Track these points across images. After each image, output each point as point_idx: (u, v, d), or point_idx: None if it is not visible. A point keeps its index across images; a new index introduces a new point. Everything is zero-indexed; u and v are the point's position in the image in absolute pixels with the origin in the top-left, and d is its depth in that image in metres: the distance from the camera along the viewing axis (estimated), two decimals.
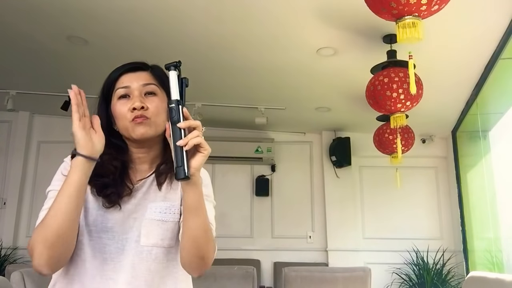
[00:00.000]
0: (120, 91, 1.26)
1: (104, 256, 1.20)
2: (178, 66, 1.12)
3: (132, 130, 1.23)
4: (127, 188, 1.24)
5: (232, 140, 5.44)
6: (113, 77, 1.29)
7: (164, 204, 1.26)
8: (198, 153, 1.08)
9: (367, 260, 5.12)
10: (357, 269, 3.16)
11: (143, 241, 1.22)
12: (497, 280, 1.99)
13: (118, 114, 1.25)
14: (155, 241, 1.23)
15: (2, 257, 4.96)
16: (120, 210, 1.22)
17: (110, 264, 1.20)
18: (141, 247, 1.22)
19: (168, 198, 1.28)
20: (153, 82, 1.28)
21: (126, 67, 1.30)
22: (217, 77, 4.20)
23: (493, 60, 3.55)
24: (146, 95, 1.26)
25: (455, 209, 5.31)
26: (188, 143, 1.05)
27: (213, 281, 2.89)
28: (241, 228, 5.59)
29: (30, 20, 3.31)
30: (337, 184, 5.54)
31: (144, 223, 1.23)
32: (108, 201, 1.21)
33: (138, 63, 1.31)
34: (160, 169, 1.29)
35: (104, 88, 1.30)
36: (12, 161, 5.46)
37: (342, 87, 4.29)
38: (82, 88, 1.17)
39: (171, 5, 3.02)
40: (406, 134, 4.14)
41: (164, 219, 1.24)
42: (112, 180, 1.22)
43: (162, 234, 1.23)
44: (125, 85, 1.26)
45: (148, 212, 1.24)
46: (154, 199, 1.27)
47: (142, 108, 1.22)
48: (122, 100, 1.26)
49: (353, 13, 2.95)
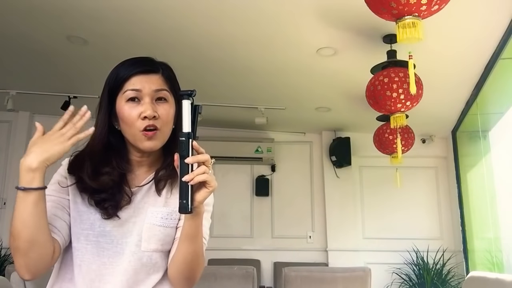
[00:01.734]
0: (130, 94, 1.20)
1: (103, 260, 1.18)
2: (192, 95, 1.07)
3: (141, 142, 1.20)
4: (126, 196, 1.22)
5: (232, 140, 5.44)
6: (122, 75, 1.22)
7: (165, 210, 1.24)
8: (203, 187, 1.06)
9: (367, 260, 5.12)
10: (357, 269, 3.16)
11: (144, 246, 1.20)
12: (497, 280, 1.99)
13: (126, 119, 1.20)
14: (156, 246, 1.21)
15: (2, 257, 4.96)
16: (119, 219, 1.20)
17: (108, 268, 1.18)
18: (141, 252, 1.20)
19: (169, 204, 1.25)
20: (164, 88, 1.23)
21: (139, 68, 1.23)
22: (217, 77, 4.20)
23: (493, 60, 3.55)
24: (156, 101, 1.22)
25: (455, 209, 5.31)
26: (193, 179, 1.03)
27: (213, 281, 2.89)
28: (241, 228, 5.59)
29: (30, 20, 3.31)
30: (337, 184, 5.54)
31: (145, 228, 1.21)
32: (106, 213, 1.19)
33: (149, 63, 1.25)
34: (159, 175, 1.26)
35: (110, 85, 1.23)
36: (12, 161, 5.45)
37: (342, 87, 4.29)
38: (82, 88, 1.17)
39: (171, 5, 3.02)
40: (406, 134, 4.14)
41: (165, 225, 1.23)
42: (110, 194, 1.20)
43: (163, 239, 1.22)
44: (136, 88, 1.20)
45: (149, 217, 1.22)
46: (154, 203, 1.25)
47: (154, 118, 1.19)
48: (131, 103, 1.20)
49: (353, 13, 2.95)
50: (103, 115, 1.23)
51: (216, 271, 2.95)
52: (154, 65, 1.26)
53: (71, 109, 1.13)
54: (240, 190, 5.68)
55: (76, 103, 4.75)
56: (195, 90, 1.08)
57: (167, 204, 1.25)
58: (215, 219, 1.33)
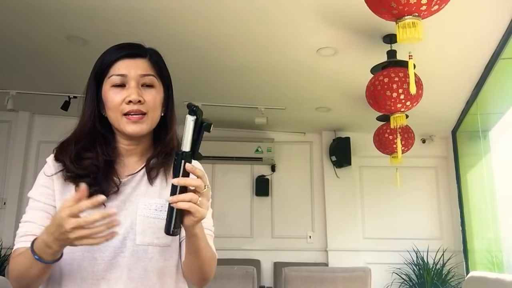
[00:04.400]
0: (115, 79, 1.16)
1: (94, 256, 1.12)
2: (196, 110, 0.99)
3: (125, 127, 1.16)
4: (113, 184, 1.15)
5: (232, 140, 5.44)
6: (108, 60, 1.18)
7: (159, 201, 1.17)
8: (189, 214, 1.01)
9: (367, 260, 5.12)
10: (357, 269, 3.16)
11: (139, 240, 1.14)
12: (497, 280, 1.99)
13: (110, 103, 1.16)
14: (150, 239, 1.15)
15: (2, 257, 4.96)
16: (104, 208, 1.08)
17: (101, 264, 1.12)
18: (136, 246, 1.14)
19: (163, 195, 1.19)
20: (151, 73, 1.19)
21: (124, 52, 1.19)
22: (217, 77, 4.20)
23: (493, 60, 3.54)
24: (143, 86, 1.17)
25: (455, 209, 5.30)
26: (177, 204, 0.99)
27: (213, 281, 2.88)
28: (241, 228, 5.59)
29: (30, 20, 3.31)
30: (337, 184, 5.54)
31: (139, 221, 1.15)
32: None
33: (136, 47, 1.22)
34: (150, 164, 1.21)
35: (96, 70, 1.20)
36: (12, 161, 5.45)
37: (342, 87, 4.29)
38: (82, 88, 1.16)
39: (171, 6, 3.02)
40: (406, 134, 4.14)
41: (160, 216, 1.15)
42: (93, 179, 1.13)
43: (158, 232, 1.14)
44: (122, 73, 1.16)
45: (141, 209, 1.16)
46: (146, 193, 1.19)
47: (139, 102, 1.14)
48: (116, 88, 1.16)
49: (353, 13, 2.95)
50: (89, 101, 1.20)
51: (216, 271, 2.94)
52: (141, 49, 1.22)
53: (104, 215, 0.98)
54: (240, 190, 5.68)
55: (76, 103, 4.76)
56: (198, 107, 1.00)
57: (162, 195, 1.19)
58: (215, 219, 1.31)
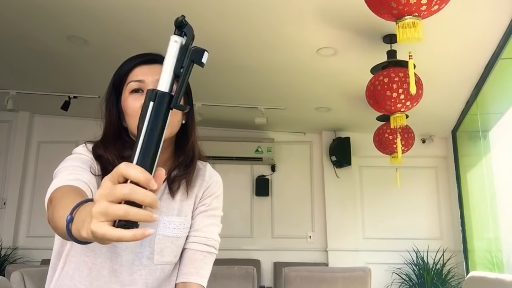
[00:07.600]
0: (133, 85, 1.15)
1: (114, 267, 1.11)
2: (184, 26, 0.72)
3: None
4: None
5: (232, 140, 5.44)
6: (126, 68, 1.17)
7: (178, 220, 1.17)
8: None
9: (367, 260, 5.12)
10: (357, 269, 3.16)
11: (157, 259, 1.14)
12: (497, 280, 1.99)
13: (129, 110, 1.13)
14: (169, 258, 1.16)
15: (2, 257, 4.96)
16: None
17: (119, 277, 1.11)
18: (154, 265, 1.14)
19: (182, 212, 1.19)
20: None
21: (141, 58, 1.18)
22: (217, 77, 4.20)
23: (493, 60, 3.55)
24: None
25: (455, 209, 5.31)
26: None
27: (213, 281, 2.88)
28: (241, 228, 5.59)
29: (30, 20, 3.31)
30: (337, 184, 5.54)
31: (158, 240, 1.14)
32: None
33: (153, 54, 1.20)
34: (172, 176, 1.18)
35: (115, 79, 1.19)
36: (12, 161, 5.45)
37: (342, 87, 4.29)
38: (82, 88, 1.15)
39: (172, 5, 3.02)
40: (406, 134, 4.14)
41: (177, 235, 1.16)
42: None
43: (176, 250, 1.16)
44: (139, 79, 1.14)
45: (161, 228, 1.15)
46: (167, 212, 1.17)
47: None
48: (134, 94, 1.14)
49: (353, 13, 2.95)
50: (110, 113, 1.18)
51: (216, 271, 2.94)
52: (159, 56, 1.20)
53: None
54: (240, 190, 5.68)
55: (76, 103, 4.77)
56: (189, 23, 0.73)
57: (181, 213, 1.19)
58: None
